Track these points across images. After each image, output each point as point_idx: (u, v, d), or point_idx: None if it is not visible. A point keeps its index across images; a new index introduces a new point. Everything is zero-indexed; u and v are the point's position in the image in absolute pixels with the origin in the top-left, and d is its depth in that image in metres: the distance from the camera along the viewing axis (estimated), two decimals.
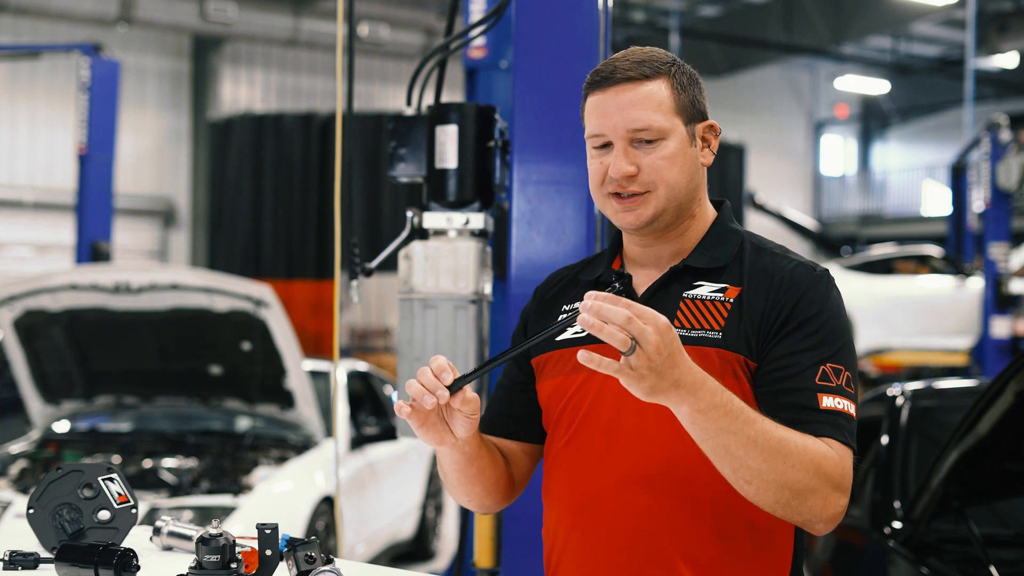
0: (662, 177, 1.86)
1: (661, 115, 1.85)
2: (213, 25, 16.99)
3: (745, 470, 1.68)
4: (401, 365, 3.12)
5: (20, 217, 17.33)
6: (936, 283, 13.88)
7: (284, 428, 6.22)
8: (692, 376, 1.62)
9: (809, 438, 1.73)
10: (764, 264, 1.89)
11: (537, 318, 2.05)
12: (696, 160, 1.91)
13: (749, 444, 1.66)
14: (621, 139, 1.86)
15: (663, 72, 1.87)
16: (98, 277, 5.68)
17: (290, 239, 15.69)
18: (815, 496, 1.71)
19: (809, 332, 1.81)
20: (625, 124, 1.85)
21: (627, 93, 1.86)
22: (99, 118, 9.69)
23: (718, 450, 1.68)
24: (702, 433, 1.67)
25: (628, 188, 1.87)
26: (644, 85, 1.86)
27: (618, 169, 1.85)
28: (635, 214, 1.88)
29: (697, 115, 1.91)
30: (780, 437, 1.69)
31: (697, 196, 1.93)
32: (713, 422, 1.65)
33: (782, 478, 1.69)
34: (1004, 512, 3.84)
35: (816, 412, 1.76)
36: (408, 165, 3.22)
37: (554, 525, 1.95)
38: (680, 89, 1.88)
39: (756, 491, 1.70)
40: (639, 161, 1.86)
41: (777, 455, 1.68)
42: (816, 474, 1.70)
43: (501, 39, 4.26)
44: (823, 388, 1.77)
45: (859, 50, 22.53)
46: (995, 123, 12.32)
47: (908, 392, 4.46)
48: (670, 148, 1.86)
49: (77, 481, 2.27)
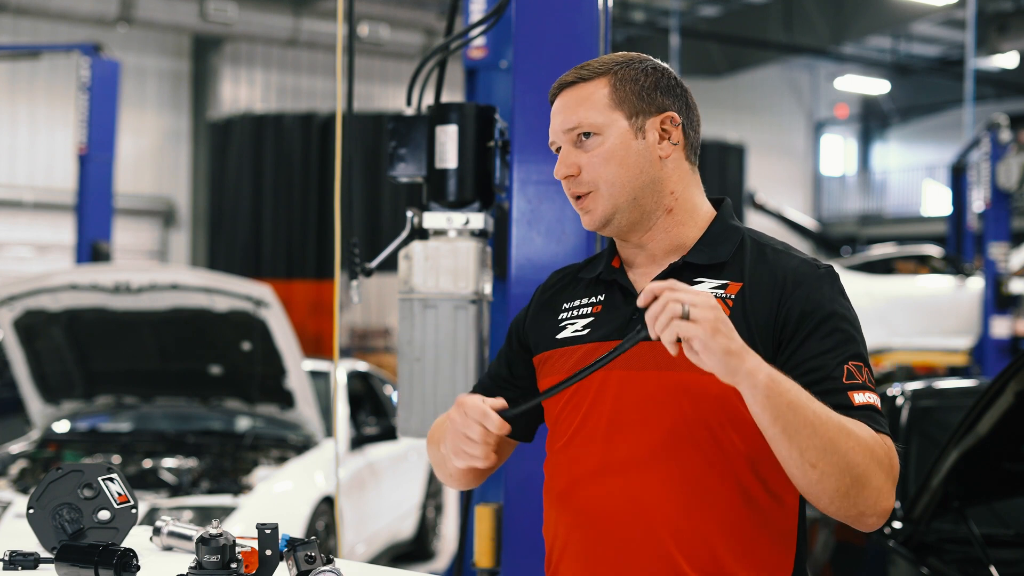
0: (599, 175, 1.88)
1: (595, 112, 1.88)
2: (213, 25, 17.00)
3: (812, 451, 1.67)
4: (401, 365, 3.12)
5: (20, 217, 17.34)
6: (936, 283, 13.88)
7: (284, 428, 6.22)
8: (748, 352, 1.65)
9: (861, 425, 1.74)
10: (766, 260, 1.89)
11: (537, 312, 2.05)
12: (646, 153, 1.90)
13: (816, 420, 1.67)
14: (564, 143, 1.92)
15: (603, 72, 1.91)
16: (98, 277, 5.68)
17: (290, 239, 15.69)
18: (871, 484, 1.71)
19: (827, 332, 1.81)
20: (561, 125, 1.91)
21: (566, 97, 1.92)
22: (99, 118, 9.69)
23: (788, 429, 1.67)
24: (774, 410, 1.66)
25: (573, 189, 1.91)
26: (581, 87, 1.91)
27: (558, 171, 1.92)
28: (589, 216, 1.92)
29: (647, 108, 1.90)
30: (839, 418, 1.70)
31: (663, 189, 1.92)
32: (785, 394, 1.65)
33: (844, 459, 1.68)
34: (1004, 512, 3.84)
35: (852, 410, 1.77)
36: (408, 165, 3.22)
37: (554, 524, 1.95)
38: (620, 85, 1.90)
39: (820, 475, 1.69)
40: (579, 161, 1.90)
41: (840, 433, 1.68)
42: (872, 458, 1.71)
43: (501, 39, 4.26)
44: (852, 387, 1.79)
45: (859, 50, 22.53)
46: (995, 123, 12.31)
47: (908, 392, 4.46)
48: (607, 144, 1.88)
49: (77, 481, 2.27)
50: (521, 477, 2.98)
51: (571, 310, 1.99)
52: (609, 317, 1.93)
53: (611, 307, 1.94)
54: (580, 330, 1.94)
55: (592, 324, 1.94)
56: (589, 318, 1.95)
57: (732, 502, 1.82)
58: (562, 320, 1.99)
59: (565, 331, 1.96)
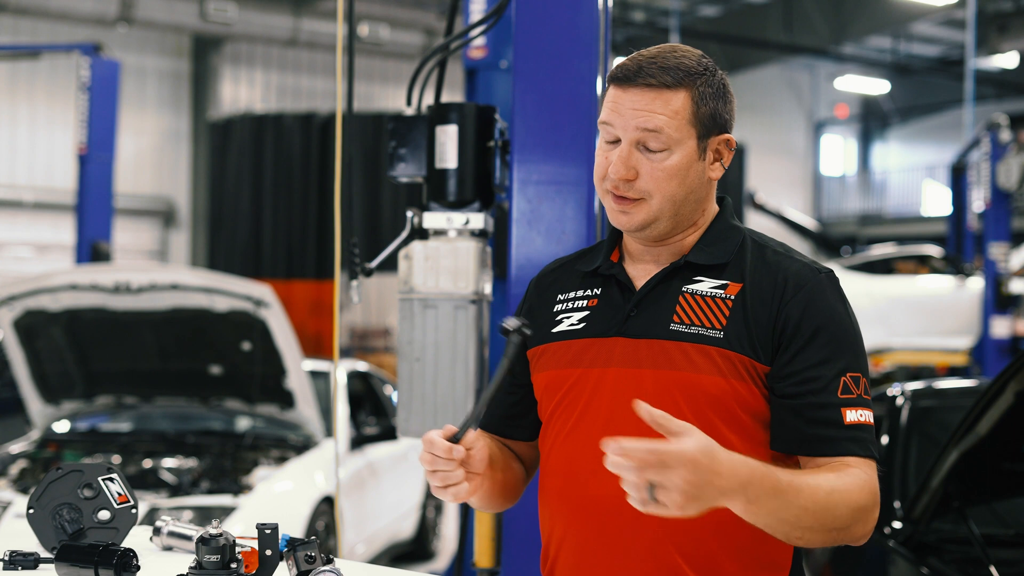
0: (659, 188, 1.85)
1: (674, 125, 1.83)
2: (213, 25, 16.99)
3: (797, 530, 1.72)
4: (401, 365, 3.12)
5: (20, 217, 17.33)
6: (936, 283, 13.88)
7: (284, 428, 6.22)
8: (737, 479, 1.62)
9: (844, 474, 1.76)
10: (767, 262, 1.88)
11: (533, 306, 2.04)
12: (702, 174, 1.88)
13: (801, 512, 1.70)
14: (628, 141, 1.85)
15: (686, 83, 1.84)
16: (98, 277, 5.68)
17: (290, 239, 15.68)
18: (856, 527, 1.77)
19: (824, 342, 1.81)
20: (635, 125, 1.84)
21: (645, 97, 1.83)
22: (99, 118, 9.69)
23: (772, 525, 1.71)
24: (755, 519, 1.69)
25: (623, 191, 1.86)
26: (664, 93, 1.83)
27: (616, 170, 1.85)
28: (628, 217, 1.88)
29: (714, 128, 1.88)
30: (825, 493, 1.72)
31: (700, 208, 1.92)
32: (764, 507, 1.67)
33: (831, 525, 1.74)
34: (1004, 512, 3.84)
35: (841, 428, 1.79)
36: (408, 165, 3.22)
37: (550, 520, 1.95)
38: (701, 102, 1.85)
39: (807, 542, 1.76)
40: (639, 166, 1.85)
41: (825, 511, 1.72)
42: (858, 510, 1.76)
43: (501, 39, 4.26)
44: (846, 402, 1.80)
45: (859, 50, 22.53)
46: (995, 123, 12.31)
47: (908, 392, 4.46)
48: (674, 160, 1.84)
49: (77, 481, 2.27)
50: None
51: (566, 302, 1.98)
52: (605, 311, 1.92)
53: (607, 301, 1.94)
54: (576, 324, 1.94)
55: (588, 318, 1.94)
56: (585, 312, 1.95)
57: None
58: (557, 313, 1.98)
59: (561, 325, 1.96)
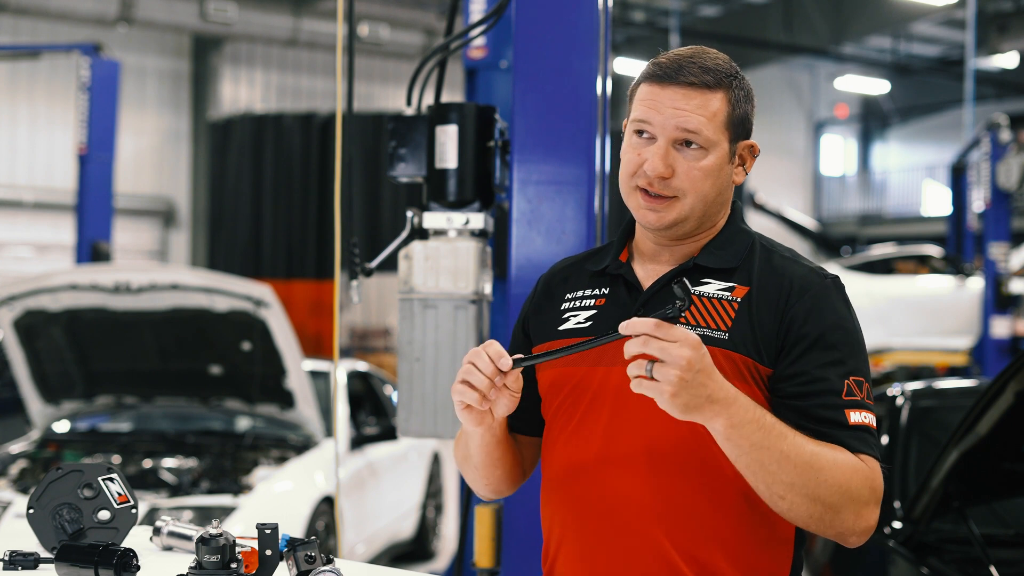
0: (695, 187, 1.87)
1: (713, 127, 1.86)
2: (213, 25, 17.00)
3: (779, 485, 1.72)
4: (401, 365, 3.12)
5: (20, 217, 17.34)
6: (936, 283, 13.88)
7: (284, 428, 6.22)
8: (725, 392, 1.66)
9: (840, 452, 1.76)
10: (774, 267, 1.90)
11: (541, 302, 2.04)
12: (730, 177, 1.92)
13: (782, 458, 1.70)
14: (666, 138, 1.86)
15: (725, 85, 1.87)
16: (98, 277, 5.68)
17: (290, 239, 15.68)
18: (847, 510, 1.75)
19: (829, 345, 1.82)
20: (676, 123, 1.84)
21: (686, 96, 1.85)
22: (99, 118, 9.69)
23: (752, 465, 1.71)
24: (736, 449, 1.70)
25: (657, 189, 1.87)
26: (704, 93, 1.85)
27: (654, 167, 1.85)
28: (658, 215, 1.88)
29: (743, 133, 1.92)
30: (812, 451, 1.73)
31: (724, 211, 1.95)
32: (747, 437, 1.68)
33: (814, 492, 1.72)
34: (1004, 512, 3.84)
35: (845, 429, 1.79)
36: (408, 165, 3.22)
37: (551, 517, 1.95)
38: (736, 104, 1.89)
39: (789, 506, 1.74)
40: (676, 165, 1.86)
41: (810, 468, 1.72)
42: (848, 488, 1.74)
43: (501, 39, 4.26)
44: (850, 404, 1.80)
45: (859, 50, 22.52)
46: (995, 123, 12.31)
47: (908, 392, 4.46)
48: (710, 161, 1.87)
49: (77, 481, 2.26)
50: None
51: (574, 300, 1.99)
52: (612, 311, 1.93)
53: (615, 301, 1.95)
54: (583, 322, 1.95)
55: (595, 317, 1.94)
56: (592, 310, 1.95)
57: (729, 502, 1.83)
58: (564, 311, 1.99)
59: (568, 323, 1.97)
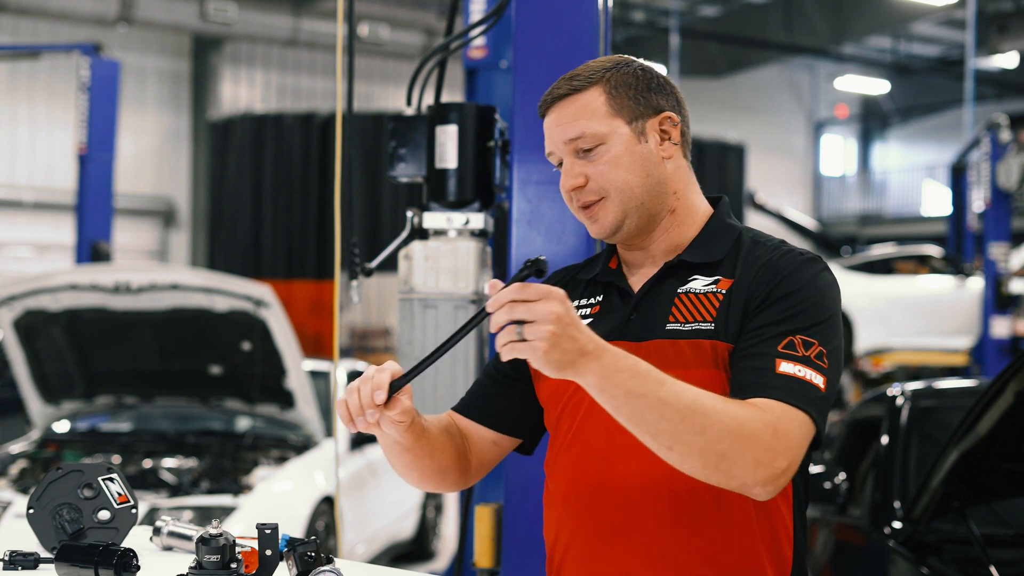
0: (609, 181, 1.88)
1: (595, 121, 1.88)
2: (213, 25, 17.00)
3: (663, 435, 1.66)
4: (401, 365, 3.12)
5: (20, 217, 17.34)
6: (936, 283, 13.88)
7: (284, 428, 6.22)
8: (595, 343, 1.63)
9: (732, 401, 1.71)
10: (757, 257, 1.89)
11: None
12: (651, 156, 1.91)
13: (661, 405, 1.64)
14: (566, 154, 1.91)
15: (595, 80, 1.90)
16: (98, 277, 5.68)
17: (290, 239, 15.69)
18: (742, 458, 1.67)
19: (785, 307, 1.80)
20: (561, 137, 1.90)
21: (562, 109, 1.91)
22: (99, 118, 9.69)
23: (632, 416, 1.66)
24: (613, 400, 1.65)
25: (582, 199, 1.91)
26: (576, 98, 1.90)
27: (565, 183, 1.91)
28: (599, 223, 1.91)
29: (646, 111, 1.91)
30: (693, 397, 1.67)
31: (667, 190, 1.93)
32: (620, 385, 1.64)
33: (700, 439, 1.66)
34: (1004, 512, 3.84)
35: (770, 374, 1.74)
36: (408, 165, 3.22)
37: (556, 526, 1.95)
38: (615, 90, 1.90)
39: (679, 457, 1.68)
40: (586, 171, 1.90)
41: (692, 413, 1.65)
42: (740, 433, 1.67)
43: (501, 39, 4.26)
44: (785, 355, 1.76)
45: (859, 50, 22.52)
46: (995, 123, 12.31)
47: (908, 392, 4.47)
48: (613, 151, 1.88)
49: (77, 481, 2.27)
50: (521, 477, 2.98)
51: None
52: (607, 318, 1.93)
53: (609, 308, 1.95)
54: None
55: (591, 325, 1.94)
56: (587, 319, 1.96)
57: (731, 502, 1.82)
58: None
59: None
